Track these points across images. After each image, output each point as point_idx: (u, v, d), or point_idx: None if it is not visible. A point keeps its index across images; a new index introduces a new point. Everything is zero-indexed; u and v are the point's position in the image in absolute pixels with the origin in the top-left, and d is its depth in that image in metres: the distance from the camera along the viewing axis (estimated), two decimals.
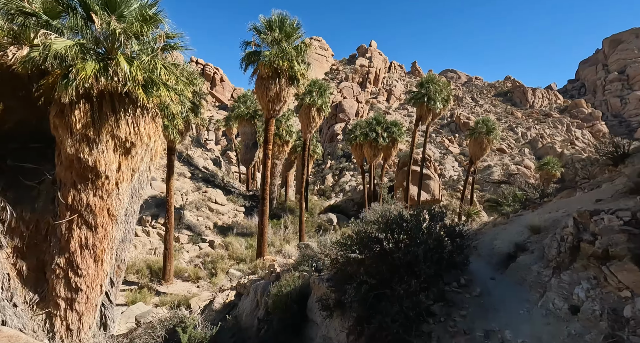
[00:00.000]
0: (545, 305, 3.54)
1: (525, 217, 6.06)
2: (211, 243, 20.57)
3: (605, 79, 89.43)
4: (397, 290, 3.86)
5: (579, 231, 3.71)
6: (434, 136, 62.83)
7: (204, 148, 45.62)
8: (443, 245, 4.52)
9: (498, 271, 4.74)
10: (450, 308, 4.03)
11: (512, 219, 6.35)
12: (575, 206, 4.89)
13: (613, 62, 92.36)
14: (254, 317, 6.44)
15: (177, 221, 21.04)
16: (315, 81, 19.41)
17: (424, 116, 21.98)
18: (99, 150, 6.61)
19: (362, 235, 4.39)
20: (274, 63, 12.07)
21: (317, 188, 47.13)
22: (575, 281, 3.37)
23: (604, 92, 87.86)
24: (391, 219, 4.36)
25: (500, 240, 5.37)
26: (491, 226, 6.23)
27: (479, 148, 26.44)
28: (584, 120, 71.51)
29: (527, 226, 5.21)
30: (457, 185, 42.70)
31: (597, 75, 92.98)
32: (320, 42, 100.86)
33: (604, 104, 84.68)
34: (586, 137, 63.96)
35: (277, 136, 27.65)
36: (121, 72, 5.94)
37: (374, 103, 70.45)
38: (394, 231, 4.19)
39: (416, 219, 4.53)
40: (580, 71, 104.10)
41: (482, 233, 5.98)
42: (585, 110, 75.50)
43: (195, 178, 28.24)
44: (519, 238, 5.12)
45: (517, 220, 6.15)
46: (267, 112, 13.14)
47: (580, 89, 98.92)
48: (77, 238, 6.94)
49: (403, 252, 4.05)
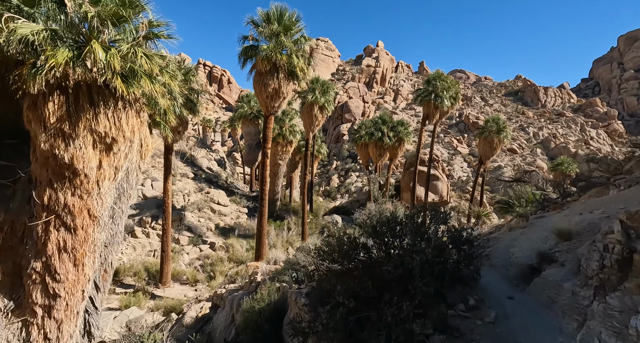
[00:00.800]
0: (588, 339, 2.74)
1: (548, 219, 5.21)
2: (212, 245, 20.14)
3: (621, 77, 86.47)
4: (385, 313, 3.03)
5: (629, 238, 2.95)
6: (442, 136, 61.56)
7: (208, 149, 45.54)
8: (446, 254, 3.65)
9: (517, 288, 3.83)
10: (456, 340, 3.10)
11: (532, 222, 5.42)
12: (615, 206, 4.11)
13: (629, 60, 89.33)
14: (229, 333, 5.67)
15: (178, 222, 20.69)
16: (317, 79, 18.83)
17: (431, 114, 21.16)
18: (75, 146, 6.13)
19: (343, 240, 3.63)
20: (271, 57, 11.54)
21: (322, 189, 46.50)
22: (630, 307, 2.57)
23: (620, 91, 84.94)
24: (381, 221, 3.59)
25: (518, 248, 4.49)
26: (506, 230, 5.40)
27: (489, 148, 25.43)
28: (599, 119, 69.16)
29: (554, 231, 4.35)
30: (466, 186, 41.53)
31: (612, 73, 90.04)
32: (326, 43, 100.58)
33: (619, 103, 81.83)
34: (601, 137, 61.77)
35: (280, 135, 27.18)
36: (96, 60, 5.43)
37: (381, 103, 69.56)
38: (384, 236, 3.42)
39: (412, 221, 3.71)
40: (594, 69, 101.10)
41: (495, 238, 5.17)
42: (601, 109, 73.06)
43: (198, 179, 27.94)
44: (543, 245, 4.25)
45: (538, 223, 5.25)
46: (265, 109, 12.62)
47: (594, 88, 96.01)
48: (54, 241, 6.48)
49: (393, 264, 3.18)
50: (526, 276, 3.85)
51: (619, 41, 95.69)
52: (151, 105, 9.02)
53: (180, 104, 9.80)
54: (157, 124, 9.57)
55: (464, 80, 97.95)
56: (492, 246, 4.73)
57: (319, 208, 35.15)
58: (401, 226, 3.45)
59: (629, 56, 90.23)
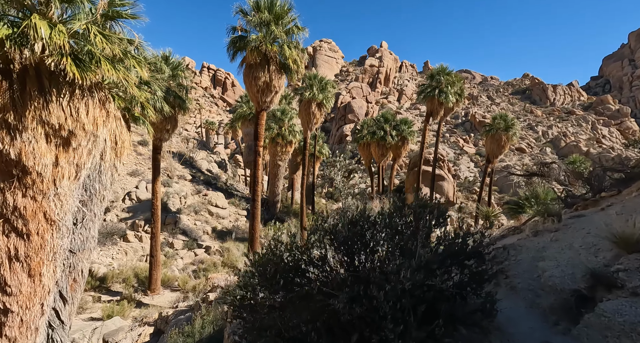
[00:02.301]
0: None
1: (590, 219, 3.89)
2: (207, 249, 19.37)
3: (633, 74, 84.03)
4: None
5: None
6: (448, 136, 60.25)
7: (209, 150, 45.04)
8: (441, 274, 2.31)
9: (558, 329, 2.50)
10: None
11: (568, 223, 4.07)
12: None
13: None
14: None
15: (172, 225, 19.99)
16: (315, 75, 18.04)
17: (435, 111, 20.16)
18: (24, 139, 5.37)
19: (269, 257, 2.51)
20: (261, 48, 10.78)
21: (325, 191, 45.57)
22: None
23: (631, 88, 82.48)
24: (343, 222, 2.42)
25: (552, 262, 3.18)
26: (529, 235, 4.13)
27: (497, 146, 24.27)
28: (611, 117, 67.06)
29: (609, 237, 3.01)
30: (473, 187, 40.24)
31: (624, 71, 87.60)
32: (330, 44, 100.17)
33: (631, 100, 79.37)
34: (614, 135, 59.75)
35: (279, 136, 26.44)
36: (38, 37, 4.66)
37: (385, 103, 68.55)
38: (345, 246, 2.41)
39: (390, 222, 2.46)
40: (604, 67, 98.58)
41: (513, 246, 3.91)
42: (612, 107, 70.91)
43: (196, 181, 27.29)
44: (592, 259, 2.97)
45: (576, 225, 3.93)
46: (256, 104, 11.84)
47: (604, 86, 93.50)
48: (3, 249, 5.72)
49: (347, 297, 1.99)
50: (571, 310, 2.46)
51: (630, 38, 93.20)
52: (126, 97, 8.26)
53: (160, 97, 9.05)
54: (136, 120, 8.83)
55: (469, 80, 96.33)
56: (510, 258, 3.57)
57: (321, 209, 34.27)
58: (373, 230, 2.37)
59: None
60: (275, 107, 28.44)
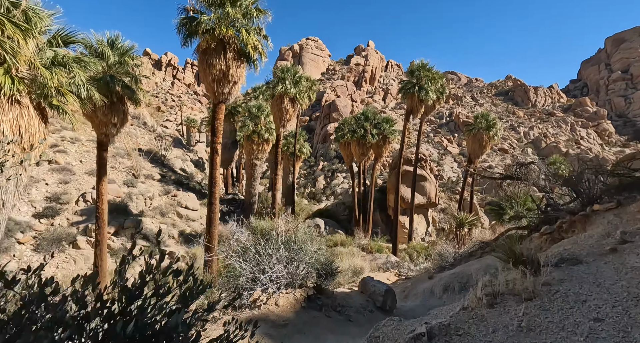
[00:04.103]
0: None
1: (597, 275, 2.33)
2: (171, 255, 17.82)
3: (609, 78, 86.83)
4: None
5: None
6: (432, 136, 60.21)
7: (186, 148, 43.07)
8: None
9: None
10: None
11: (552, 282, 2.46)
12: None
13: (616, 62, 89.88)
14: None
15: (132, 230, 18.36)
16: (288, 68, 16.81)
17: (415, 109, 19.31)
18: None
19: None
20: (216, 32, 9.50)
21: (307, 191, 44.43)
22: None
23: (608, 92, 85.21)
24: None
25: None
26: (481, 305, 2.44)
27: (479, 146, 23.74)
28: (589, 119, 68.79)
29: None
30: (456, 187, 39.98)
31: (600, 74, 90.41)
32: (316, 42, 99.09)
33: (607, 103, 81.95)
34: (592, 136, 61.20)
35: (255, 133, 25.08)
36: None
37: (370, 102, 67.97)
38: None
39: None
40: (582, 70, 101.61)
41: (441, 332, 2.32)
42: (590, 109, 72.82)
43: (165, 181, 25.57)
44: None
45: (569, 288, 2.35)
46: (213, 95, 10.55)
47: (582, 89, 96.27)
48: None
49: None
50: None
51: (606, 43, 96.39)
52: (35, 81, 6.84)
53: (84, 83, 7.63)
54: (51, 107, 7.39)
55: (455, 81, 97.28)
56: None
57: (301, 211, 33.07)
58: None
59: (616, 57, 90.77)
60: (251, 104, 27.05)
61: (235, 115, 29.17)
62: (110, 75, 10.95)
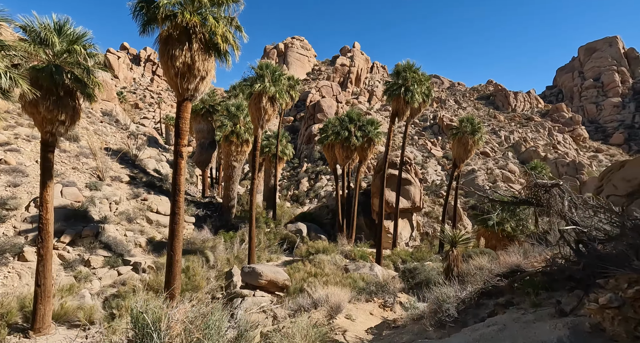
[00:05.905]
0: None
1: None
2: (135, 266, 16.23)
3: (582, 85, 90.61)
4: None
5: None
6: (417, 139, 60.40)
7: (162, 148, 40.85)
8: None
9: None
10: None
11: None
12: None
13: (589, 70, 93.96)
14: None
15: (92, 238, 16.61)
16: (267, 64, 15.65)
17: (400, 111, 18.61)
18: None
19: None
20: (178, 18, 8.27)
21: (290, 194, 43.20)
22: None
23: (581, 99, 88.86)
24: None
25: None
26: None
27: (464, 150, 23.41)
28: (565, 124, 71.25)
29: None
30: (440, 191, 39.91)
31: (574, 82, 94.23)
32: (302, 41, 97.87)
33: (580, 109, 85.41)
34: (568, 141, 63.26)
35: (234, 134, 23.71)
36: None
37: (355, 104, 67.51)
38: None
39: None
40: (557, 77, 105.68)
41: None
42: (566, 114, 75.50)
43: (135, 183, 23.70)
44: None
45: None
46: (176, 91, 9.27)
47: (557, 95, 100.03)
48: None
49: None
50: None
51: (580, 51, 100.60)
52: None
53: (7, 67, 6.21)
54: None
55: (438, 85, 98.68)
56: None
57: (283, 214, 31.84)
58: None
59: (588, 66, 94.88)
60: (230, 102, 25.62)
61: (213, 114, 27.62)
62: (54, 65, 9.45)
